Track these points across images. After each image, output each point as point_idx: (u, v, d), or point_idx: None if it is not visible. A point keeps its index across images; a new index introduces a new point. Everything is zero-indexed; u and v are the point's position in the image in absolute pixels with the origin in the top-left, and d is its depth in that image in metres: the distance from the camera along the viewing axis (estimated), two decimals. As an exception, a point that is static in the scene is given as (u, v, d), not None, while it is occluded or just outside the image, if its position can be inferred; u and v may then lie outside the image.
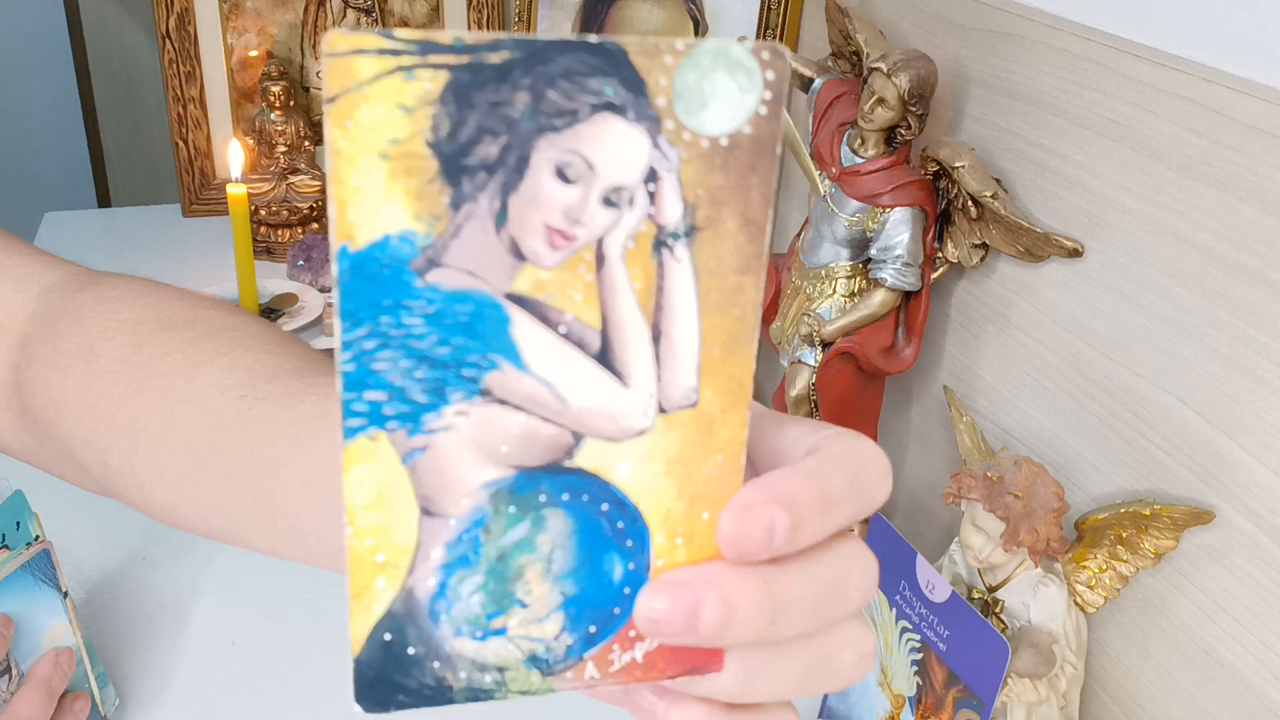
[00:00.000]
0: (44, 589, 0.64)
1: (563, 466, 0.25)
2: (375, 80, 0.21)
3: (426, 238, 0.23)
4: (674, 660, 0.27)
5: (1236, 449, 0.60)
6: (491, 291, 0.23)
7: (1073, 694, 0.68)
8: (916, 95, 0.76)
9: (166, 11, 1.34)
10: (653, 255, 0.24)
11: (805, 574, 0.26)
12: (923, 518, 0.91)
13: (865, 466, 0.26)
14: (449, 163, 0.22)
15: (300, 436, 0.36)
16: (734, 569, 0.25)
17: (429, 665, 0.25)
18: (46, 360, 0.43)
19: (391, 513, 0.24)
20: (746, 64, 0.23)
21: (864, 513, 0.26)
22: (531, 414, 0.24)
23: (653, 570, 0.26)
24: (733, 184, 0.24)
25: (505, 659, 0.26)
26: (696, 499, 0.26)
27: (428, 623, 0.25)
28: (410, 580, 0.25)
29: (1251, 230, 0.58)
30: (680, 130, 0.23)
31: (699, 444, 0.25)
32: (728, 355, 0.25)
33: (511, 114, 0.22)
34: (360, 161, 0.22)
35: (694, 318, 0.25)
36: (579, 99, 0.22)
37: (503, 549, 0.25)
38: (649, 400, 0.25)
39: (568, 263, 0.24)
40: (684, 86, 0.23)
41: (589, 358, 0.24)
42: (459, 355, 0.24)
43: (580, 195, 0.23)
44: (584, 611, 0.26)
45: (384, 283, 0.23)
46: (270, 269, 1.33)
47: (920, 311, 0.82)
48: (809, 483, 0.25)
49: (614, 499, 0.25)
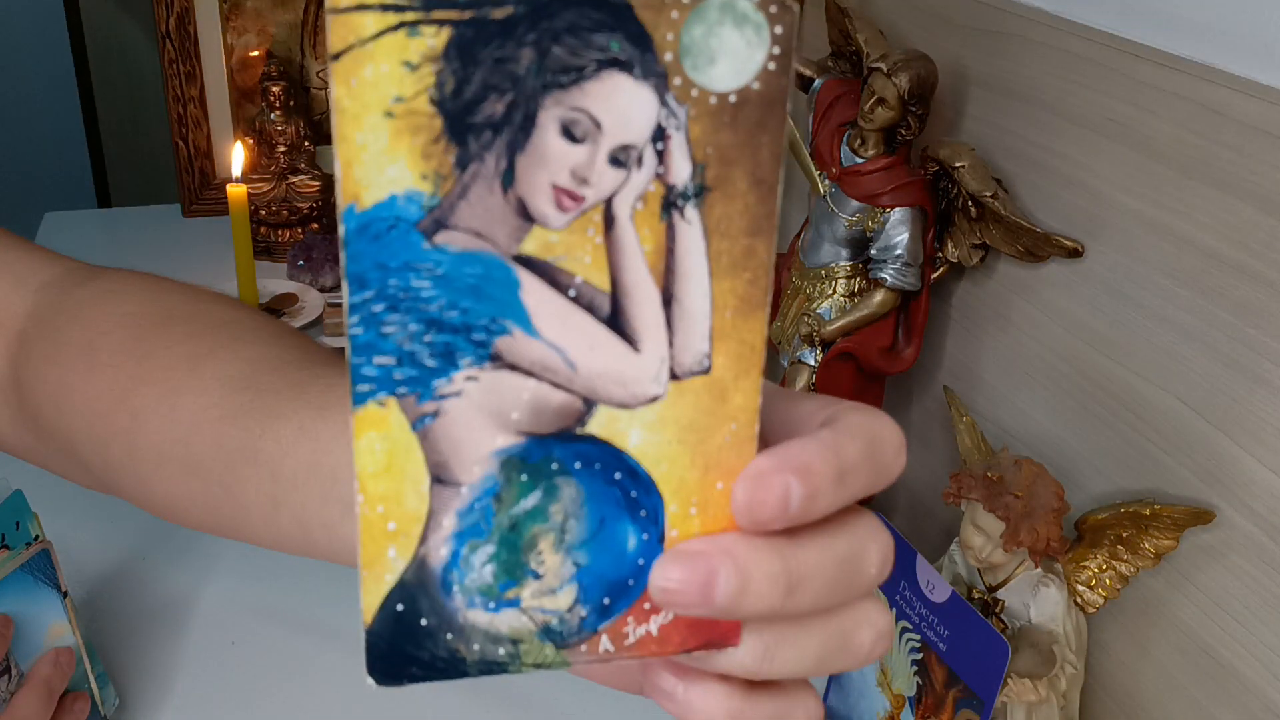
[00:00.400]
0: (44, 589, 0.64)
1: (574, 434, 0.25)
2: (379, 36, 0.21)
3: (433, 198, 0.22)
4: (690, 634, 0.26)
5: (1236, 449, 0.60)
6: (500, 254, 0.23)
7: (1073, 694, 0.68)
8: (916, 95, 0.76)
9: (166, 11, 1.34)
10: (662, 216, 0.24)
11: (821, 547, 0.26)
12: (923, 518, 0.91)
13: (881, 438, 0.26)
14: (454, 121, 0.22)
15: (304, 428, 0.36)
16: (749, 540, 0.25)
17: (442, 637, 0.25)
18: (46, 355, 0.43)
19: (402, 480, 0.24)
20: (754, 18, 0.22)
21: (879, 485, 0.26)
22: (542, 380, 0.24)
23: (667, 541, 0.26)
24: (742, 142, 0.23)
25: (519, 631, 0.26)
26: (710, 468, 0.25)
27: (440, 593, 0.25)
28: (422, 549, 0.25)
29: (1251, 230, 0.58)
30: (688, 87, 0.23)
31: (712, 411, 0.25)
32: (739, 319, 0.25)
33: (516, 71, 0.22)
34: (365, 119, 0.22)
35: (705, 281, 0.24)
36: (585, 55, 0.22)
37: (515, 518, 0.25)
38: (661, 366, 0.24)
39: (576, 224, 0.23)
40: (691, 42, 0.22)
41: (599, 322, 0.24)
42: (468, 319, 0.23)
43: (588, 154, 0.23)
44: (598, 583, 0.26)
45: (391, 244, 0.22)
46: (270, 269, 1.33)
47: (920, 311, 0.82)
48: (824, 452, 0.25)
49: (626, 467, 0.25)
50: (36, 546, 0.63)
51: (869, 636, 0.27)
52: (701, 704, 0.27)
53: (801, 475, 0.24)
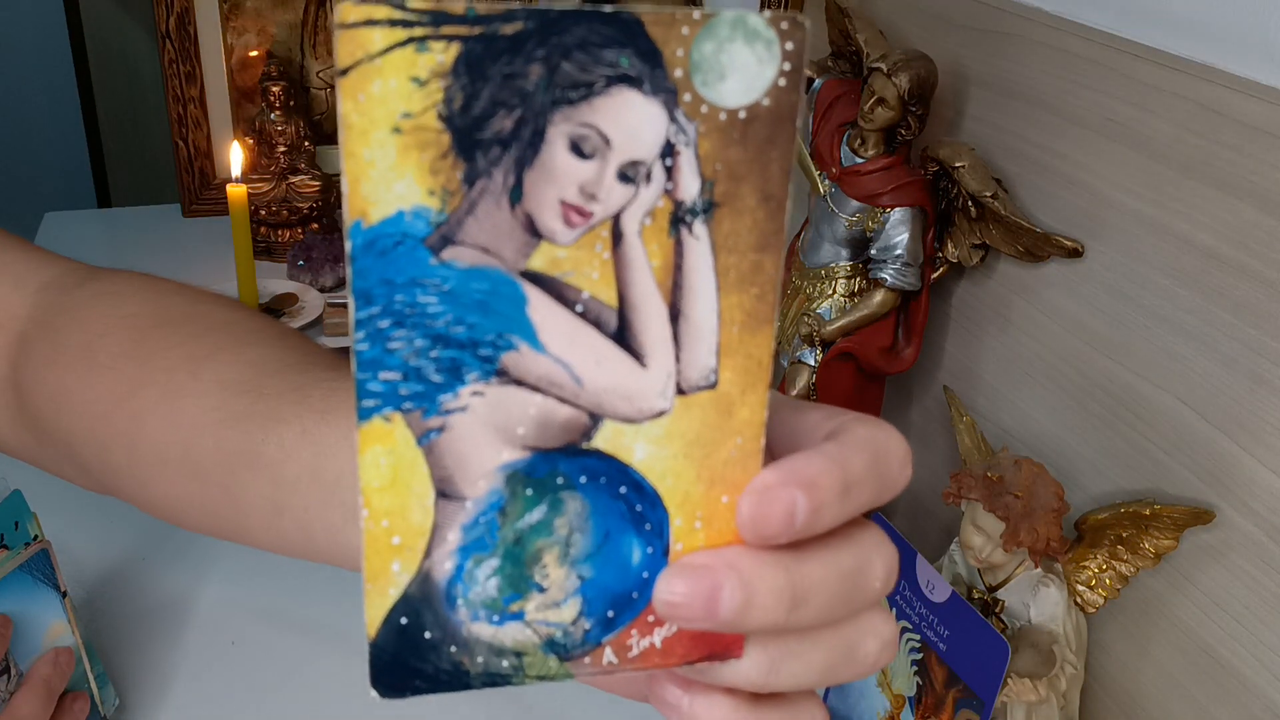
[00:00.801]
0: (43, 589, 0.64)
1: (580, 448, 0.25)
2: (387, 52, 0.21)
3: (440, 214, 0.22)
4: (693, 646, 0.26)
5: (1236, 449, 0.60)
6: (507, 269, 0.23)
7: (1073, 694, 0.68)
8: (916, 95, 0.76)
9: (166, 11, 1.34)
10: (670, 232, 0.24)
11: (826, 560, 0.26)
12: (923, 518, 0.91)
13: (886, 450, 0.26)
14: (462, 137, 0.22)
15: (306, 432, 0.36)
16: (754, 553, 0.25)
17: (445, 650, 0.25)
18: (45, 357, 0.43)
19: (407, 495, 0.24)
20: (765, 34, 0.22)
21: (884, 497, 0.26)
22: (548, 395, 0.24)
23: (672, 554, 0.26)
24: (751, 158, 0.23)
25: (523, 644, 0.26)
26: (716, 482, 0.25)
27: (444, 606, 0.25)
28: (426, 563, 0.25)
29: (1251, 230, 0.58)
30: (697, 103, 0.23)
31: (718, 425, 0.25)
32: (746, 335, 0.25)
33: (525, 86, 0.22)
34: (372, 135, 0.21)
35: (713, 296, 0.24)
36: (594, 71, 0.22)
37: (519, 532, 0.25)
38: (667, 381, 0.25)
39: (584, 240, 0.23)
40: (701, 58, 0.22)
41: (606, 338, 0.24)
42: (475, 334, 0.23)
43: (596, 170, 0.23)
44: (602, 596, 0.26)
45: (398, 260, 0.22)
46: (270, 269, 1.33)
47: (920, 311, 0.82)
48: (829, 466, 0.25)
49: (631, 482, 0.25)
50: (36, 546, 0.63)
51: (875, 646, 0.27)
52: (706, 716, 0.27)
53: (806, 489, 0.24)
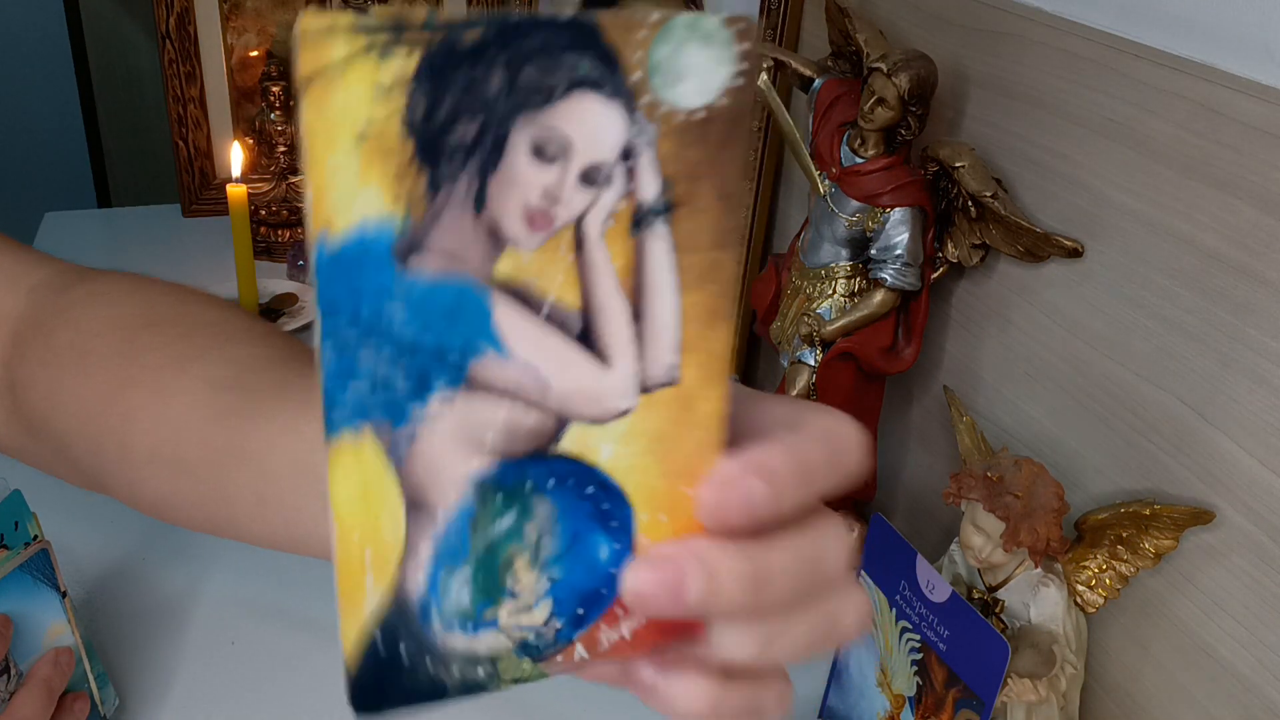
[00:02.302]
0: (42, 589, 0.64)
1: (547, 453, 0.25)
2: (349, 60, 0.21)
3: (405, 222, 0.22)
4: (660, 634, 0.27)
5: (1236, 449, 0.59)
6: (473, 277, 0.23)
7: (1073, 694, 0.68)
8: (916, 95, 0.76)
9: (166, 11, 1.34)
10: (631, 233, 0.24)
11: (785, 546, 0.26)
12: (923, 518, 0.91)
13: (843, 439, 0.27)
14: (426, 144, 0.22)
15: (289, 423, 0.36)
16: (716, 542, 0.26)
17: (422, 663, 0.25)
18: (38, 357, 0.44)
19: (379, 508, 0.24)
20: (719, 35, 0.23)
21: (843, 484, 0.27)
22: (516, 401, 0.24)
23: (638, 548, 0.26)
24: (709, 157, 0.24)
25: (497, 650, 0.26)
26: (678, 475, 0.26)
27: (418, 619, 0.25)
28: (399, 577, 0.25)
29: (1251, 230, 0.58)
30: (655, 105, 0.23)
31: (680, 420, 0.25)
32: (706, 331, 0.25)
33: (487, 93, 0.22)
34: (336, 143, 0.21)
35: (674, 295, 0.24)
36: (554, 76, 0.22)
37: (491, 540, 0.25)
38: (631, 380, 0.25)
39: (548, 244, 0.23)
40: (659, 60, 0.23)
41: (571, 340, 0.24)
42: (442, 343, 0.23)
43: (558, 174, 0.23)
44: (572, 595, 0.26)
45: (363, 269, 0.22)
46: (270, 269, 1.33)
47: (920, 311, 0.82)
48: (787, 455, 0.26)
49: (598, 481, 0.25)
50: (35, 546, 0.63)
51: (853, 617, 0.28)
52: (683, 695, 0.27)
53: (765, 478, 0.25)
